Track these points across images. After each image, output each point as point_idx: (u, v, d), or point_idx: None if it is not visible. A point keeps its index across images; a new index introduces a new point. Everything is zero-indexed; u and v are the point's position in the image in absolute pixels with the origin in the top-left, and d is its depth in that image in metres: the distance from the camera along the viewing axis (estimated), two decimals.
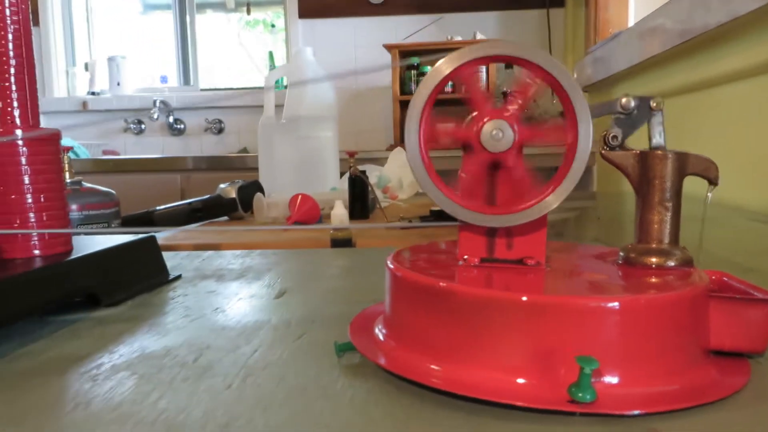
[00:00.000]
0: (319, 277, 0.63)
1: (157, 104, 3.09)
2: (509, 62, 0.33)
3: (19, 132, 0.48)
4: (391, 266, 0.36)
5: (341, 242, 0.85)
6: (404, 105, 2.61)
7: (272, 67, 3.13)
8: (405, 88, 2.60)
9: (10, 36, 0.48)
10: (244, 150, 3.10)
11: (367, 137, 2.98)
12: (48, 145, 0.50)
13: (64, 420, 0.29)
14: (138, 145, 3.18)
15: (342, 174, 1.53)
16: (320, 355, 0.38)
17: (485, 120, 0.33)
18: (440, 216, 0.99)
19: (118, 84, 3.20)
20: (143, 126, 3.17)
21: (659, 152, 0.34)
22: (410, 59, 2.62)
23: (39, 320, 0.47)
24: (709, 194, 0.35)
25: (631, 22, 2.27)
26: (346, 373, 0.34)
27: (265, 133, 1.42)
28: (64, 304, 0.49)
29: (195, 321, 0.46)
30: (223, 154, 3.10)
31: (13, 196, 0.48)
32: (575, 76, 2.51)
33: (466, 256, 0.36)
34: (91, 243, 0.57)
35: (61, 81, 3.24)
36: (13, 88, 0.49)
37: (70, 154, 1.13)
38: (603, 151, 0.36)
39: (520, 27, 2.88)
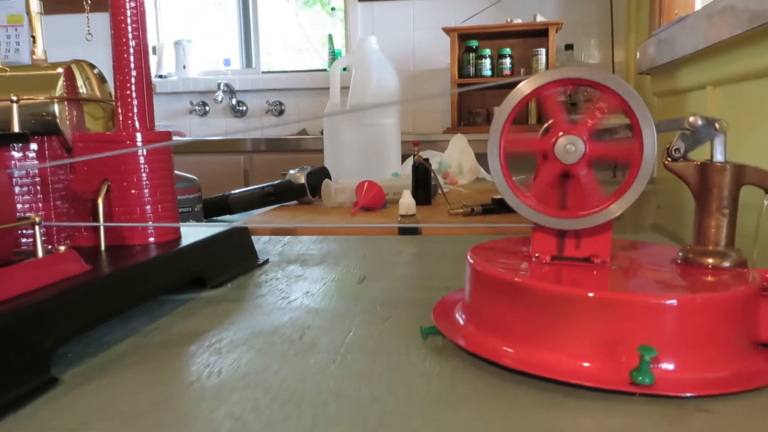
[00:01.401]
0: (392, 264, 0.68)
1: (221, 87, 3.20)
2: (582, 85, 0.37)
3: (138, 135, 0.55)
4: (471, 261, 0.41)
5: (408, 229, 0.90)
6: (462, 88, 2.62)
7: (331, 49, 3.19)
8: (463, 72, 2.61)
9: (131, 50, 0.55)
10: (303, 131, 3.18)
11: (423, 119, 3.01)
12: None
13: (205, 384, 0.36)
14: (202, 127, 3.31)
15: (403, 159, 1.58)
16: (406, 336, 0.43)
17: (560, 134, 0.38)
18: (501, 204, 1.03)
19: (184, 67, 3.33)
20: (207, 108, 3.28)
21: (718, 164, 0.38)
22: (469, 42, 2.63)
23: (156, 300, 0.54)
24: (765, 202, 0.39)
25: (697, 4, 2.22)
26: (432, 353, 0.40)
27: (331, 120, 1.48)
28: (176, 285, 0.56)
29: (291, 303, 0.52)
30: (283, 135, 3.20)
31: (133, 191, 0.55)
32: (638, 56, 2.47)
33: (538, 254, 0.41)
34: (192, 230, 0.64)
35: None
36: (134, 95, 0.55)
37: None
38: (666, 162, 0.39)
39: (581, 7, 2.84)
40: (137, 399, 0.34)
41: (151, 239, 0.57)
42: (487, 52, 2.60)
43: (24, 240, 0.54)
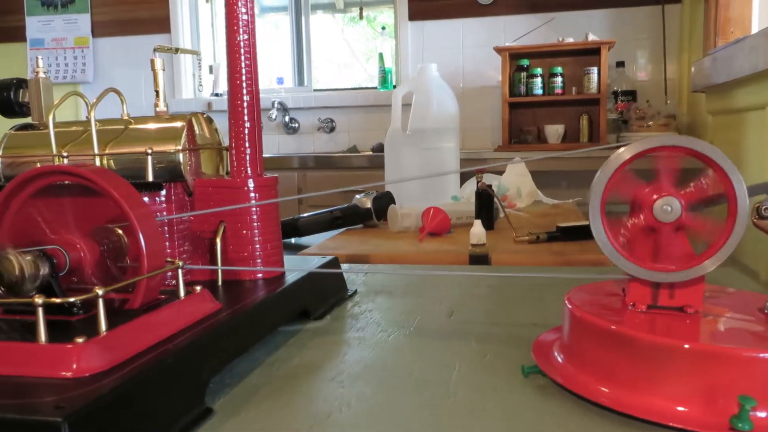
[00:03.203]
0: (473, 297, 0.72)
1: (275, 105, 3.30)
2: (680, 153, 0.41)
3: (251, 182, 0.61)
4: (570, 307, 0.45)
5: (479, 258, 0.94)
6: (513, 107, 2.66)
7: (382, 67, 3.25)
8: (514, 90, 2.64)
9: (245, 104, 0.61)
10: (353, 148, 3.25)
11: (472, 136, 3.04)
12: (271, 190, 0.62)
13: (338, 418, 0.41)
14: None
15: (462, 183, 1.62)
16: (507, 373, 0.47)
17: (662, 194, 0.42)
18: (565, 232, 1.07)
19: None
20: (261, 125, 3.39)
21: None
22: (520, 61, 2.66)
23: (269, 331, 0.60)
24: None
25: (754, 22, 2.20)
26: (536, 391, 0.44)
27: (392, 144, 1.54)
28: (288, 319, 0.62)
29: (391, 336, 0.57)
30: (334, 151, 3.28)
31: (245, 232, 0.61)
32: (693, 73, 2.46)
33: (634, 303, 0.44)
34: (291, 261, 0.70)
35: (189, 83, 3.53)
36: (247, 145, 0.61)
37: None
38: (754, 220, 0.43)
39: (633, 24, 2.84)
40: (286, 430, 0.39)
41: (259, 275, 0.62)
42: (539, 71, 2.63)
43: None
